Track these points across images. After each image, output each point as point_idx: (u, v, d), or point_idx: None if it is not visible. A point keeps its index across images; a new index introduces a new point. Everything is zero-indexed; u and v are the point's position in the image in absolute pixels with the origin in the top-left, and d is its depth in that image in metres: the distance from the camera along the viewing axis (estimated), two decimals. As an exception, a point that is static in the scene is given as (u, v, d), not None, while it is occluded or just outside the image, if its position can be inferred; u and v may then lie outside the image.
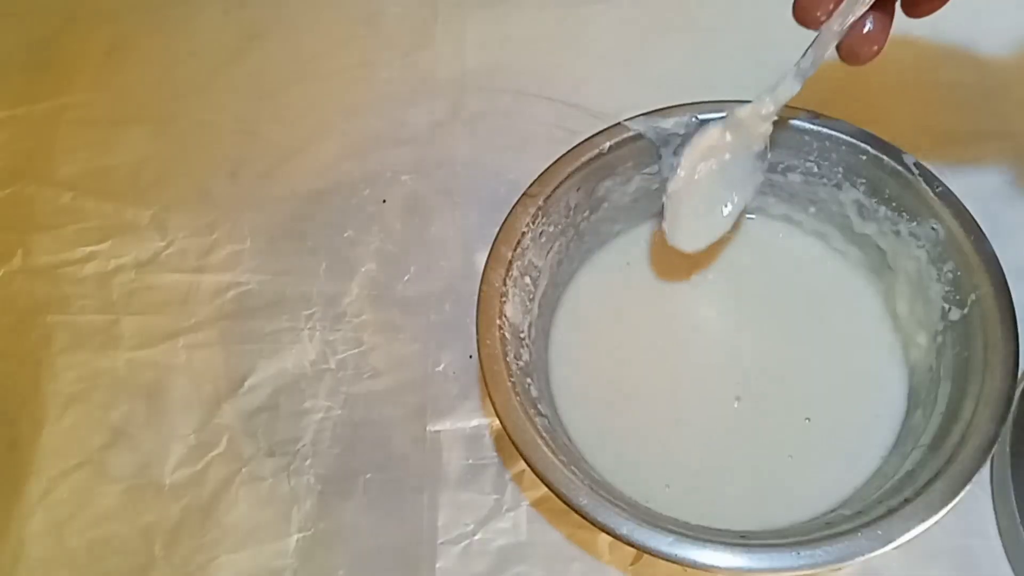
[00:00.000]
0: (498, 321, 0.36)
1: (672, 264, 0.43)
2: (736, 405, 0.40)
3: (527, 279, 0.39)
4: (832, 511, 0.36)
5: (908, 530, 0.31)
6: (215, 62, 0.57)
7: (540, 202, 0.39)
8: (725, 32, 0.56)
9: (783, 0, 0.35)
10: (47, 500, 0.43)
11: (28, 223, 0.51)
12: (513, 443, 0.34)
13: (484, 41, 0.56)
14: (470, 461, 0.43)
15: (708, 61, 0.54)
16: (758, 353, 0.41)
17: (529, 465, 0.33)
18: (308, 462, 0.44)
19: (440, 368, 0.46)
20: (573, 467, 0.33)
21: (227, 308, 0.48)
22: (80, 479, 0.44)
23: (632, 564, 0.40)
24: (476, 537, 0.42)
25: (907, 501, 0.32)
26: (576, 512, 0.32)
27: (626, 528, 0.32)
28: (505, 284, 0.37)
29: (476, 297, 0.37)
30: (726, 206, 0.40)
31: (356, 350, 0.46)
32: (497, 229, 0.39)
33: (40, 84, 0.56)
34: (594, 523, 0.32)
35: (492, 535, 0.42)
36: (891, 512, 0.32)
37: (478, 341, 0.36)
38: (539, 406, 0.36)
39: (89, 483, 0.44)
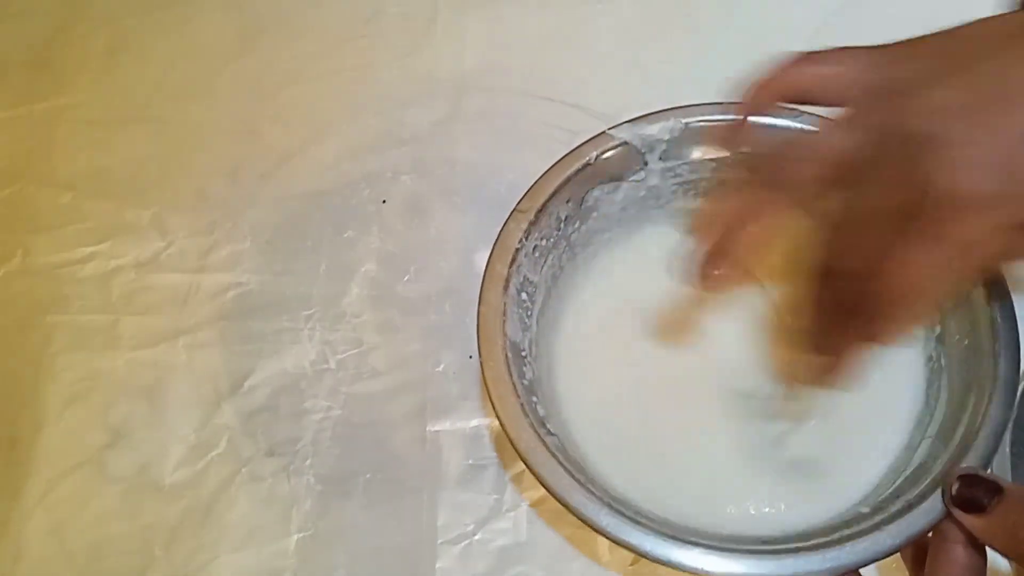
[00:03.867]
0: (499, 340, 0.36)
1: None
2: (745, 408, 0.40)
3: (524, 295, 0.39)
4: (849, 509, 0.35)
5: (929, 523, 0.31)
6: (215, 62, 0.57)
7: (531, 217, 0.39)
8: (725, 32, 0.55)
9: (783, 0, 0.35)
10: (47, 500, 0.43)
11: (28, 223, 0.51)
12: (526, 464, 0.33)
13: (484, 41, 0.56)
14: (470, 461, 0.43)
15: (708, 61, 0.54)
16: (763, 354, 0.41)
17: (544, 486, 0.33)
18: (308, 462, 0.44)
19: (440, 368, 0.46)
20: (589, 485, 0.33)
21: (227, 308, 0.48)
22: (80, 479, 0.44)
23: (631, 564, 0.40)
24: (476, 537, 0.42)
25: (925, 494, 0.32)
26: (598, 532, 0.32)
27: (649, 544, 0.31)
28: (503, 303, 0.37)
29: (475, 297, 0.37)
30: None
31: (356, 350, 0.46)
32: (497, 229, 0.39)
33: (40, 84, 0.56)
34: (617, 542, 0.32)
35: (492, 535, 0.42)
36: (910, 506, 0.31)
37: (481, 363, 0.36)
38: (547, 425, 0.36)
39: (89, 483, 0.44)
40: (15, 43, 0.58)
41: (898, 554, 0.32)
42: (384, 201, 0.51)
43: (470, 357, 0.46)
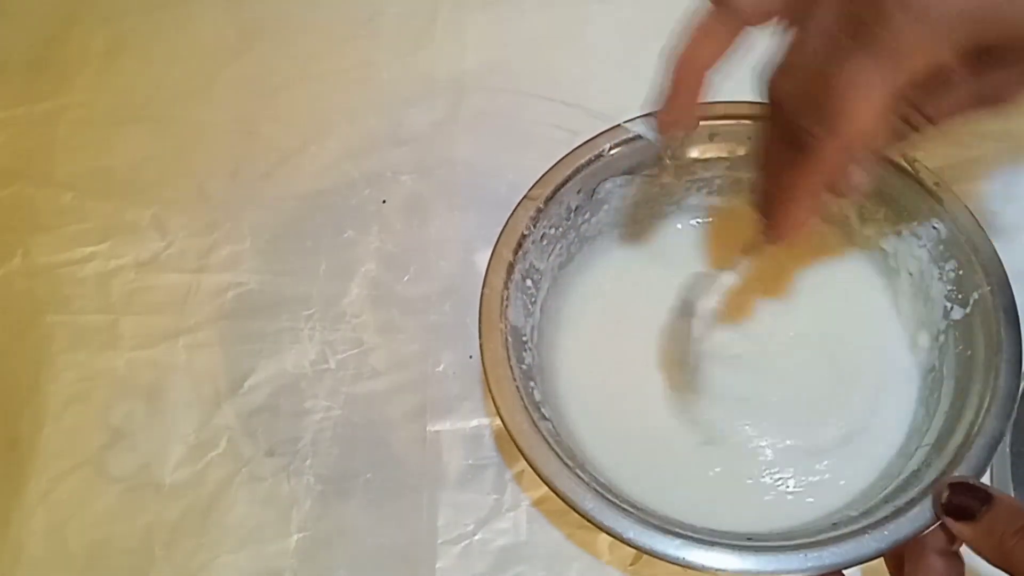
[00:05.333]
0: (500, 324, 0.36)
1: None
2: (741, 406, 0.40)
3: (528, 282, 0.39)
4: (838, 511, 0.36)
5: (915, 530, 0.31)
6: (215, 62, 0.57)
7: (540, 204, 0.39)
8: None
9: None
10: (47, 500, 0.43)
11: (28, 223, 0.51)
12: (517, 446, 0.34)
13: (484, 41, 0.56)
14: (470, 461, 0.43)
15: None
16: (763, 354, 0.41)
17: (533, 468, 0.33)
18: (308, 462, 0.44)
19: (440, 368, 0.46)
20: (578, 470, 0.33)
21: (227, 308, 0.48)
22: (80, 479, 0.44)
23: (632, 564, 0.40)
24: (476, 537, 0.42)
25: (913, 501, 0.32)
26: (581, 516, 0.32)
27: (632, 532, 0.32)
28: (507, 287, 0.37)
29: (476, 297, 0.37)
30: None
31: (356, 350, 0.46)
32: (497, 229, 0.39)
33: (40, 84, 0.56)
34: (600, 527, 0.32)
35: (492, 535, 0.42)
36: (898, 512, 0.32)
37: (481, 345, 0.36)
38: (543, 409, 0.36)
39: (89, 483, 0.44)
40: (15, 43, 0.58)
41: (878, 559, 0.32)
42: (384, 201, 0.51)
43: (470, 357, 0.46)
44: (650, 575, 0.40)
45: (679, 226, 0.44)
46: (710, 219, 0.44)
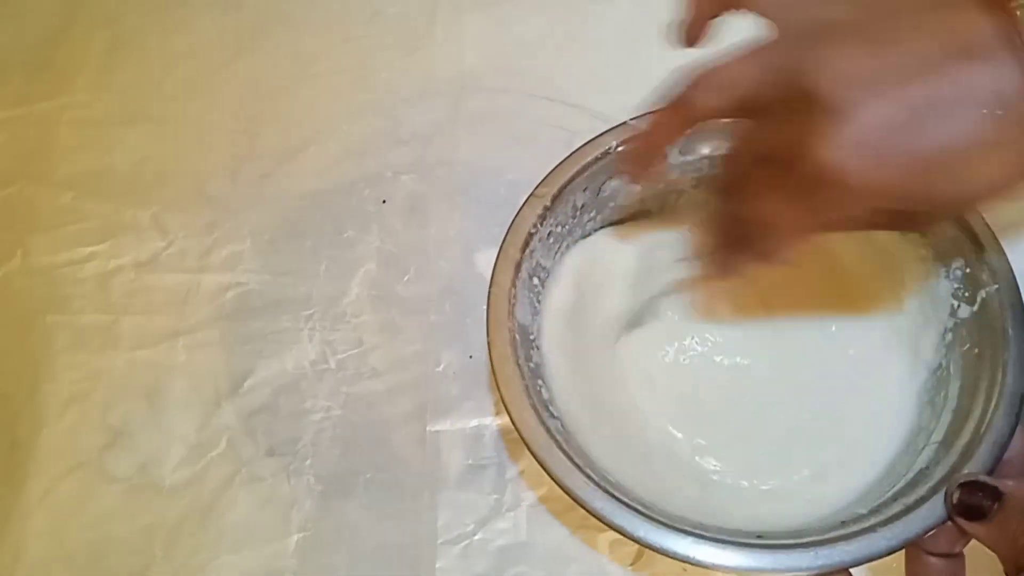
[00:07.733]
0: (508, 323, 0.36)
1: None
2: (746, 404, 0.40)
3: (535, 280, 0.39)
4: (846, 509, 0.35)
5: (925, 528, 0.31)
6: (215, 62, 0.57)
7: (547, 202, 0.39)
8: (725, 31, 0.55)
9: (783, 0, 0.35)
10: (47, 500, 0.43)
11: (28, 223, 0.51)
12: (527, 445, 0.34)
13: (484, 41, 0.56)
14: (470, 461, 0.43)
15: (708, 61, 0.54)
16: (767, 353, 0.41)
17: (544, 468, 0.33)
18: (308, 462, 0.44)
19: (440, 368, 0.46)
20: (588, 470, 0.33)
21: (227, 308, 0.48)
22: (80, 479, 0.44)
23: (632, 564, 0.40)
24: (476, 537, 0.42)
25: (923, 499, 0.32)
26: (592, 515, 0.32)
27: (643, 531, 0.32)
28: (514, 286, 0.37)
29: (476, 297, 0.37)
30: None
31: (356, 350, 0.46)
32: (497, 229, 0.39)
33: (40, 84, 0.56)
34: (611, 526, 0.32)
35: (492, 535, 0.42)
36: (907, 510, 0.32)
37: (488, 343, 0.36)
38: (551, 408, 0.36)
39: (89, 483, 0.44)
40: (15, 43, 0.58)
41: (892, 557, 0.32)
42: (384, 201, 0.51)
43: (470, 357, 0.46)
44: (651, 574, 0.40)
45: (683, 222, 0.44)
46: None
